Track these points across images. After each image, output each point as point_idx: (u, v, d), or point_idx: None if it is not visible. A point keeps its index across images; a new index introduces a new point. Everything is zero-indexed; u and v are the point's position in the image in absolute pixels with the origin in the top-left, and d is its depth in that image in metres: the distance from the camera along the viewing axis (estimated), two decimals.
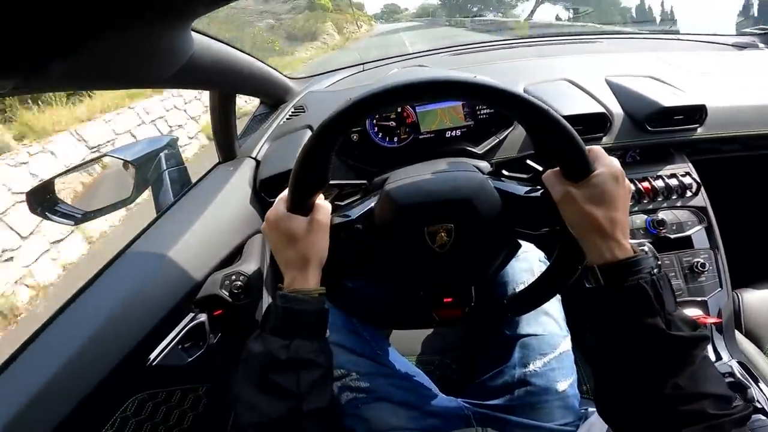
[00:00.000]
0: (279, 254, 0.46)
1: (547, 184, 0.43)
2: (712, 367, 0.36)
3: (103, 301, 0.56)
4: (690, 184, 0.76)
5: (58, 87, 0.41)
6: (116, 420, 0.52)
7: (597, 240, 0.40)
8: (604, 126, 0.78)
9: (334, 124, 0.42)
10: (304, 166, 0.43)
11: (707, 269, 0.72)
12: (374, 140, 0.75)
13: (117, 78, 0.45)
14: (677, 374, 0.34)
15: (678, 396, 0.34)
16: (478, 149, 0.74)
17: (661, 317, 0.35)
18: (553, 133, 0.40)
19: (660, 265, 0.39)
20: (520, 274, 0.65)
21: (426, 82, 0.40)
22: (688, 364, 0.34)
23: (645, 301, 0.36)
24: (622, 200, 0.40)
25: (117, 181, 0.92)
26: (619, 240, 0.39)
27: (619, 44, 1.27)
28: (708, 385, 0.34)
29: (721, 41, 1.24)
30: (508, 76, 0.90)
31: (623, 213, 0.40)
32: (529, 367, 0.58)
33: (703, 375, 0.34)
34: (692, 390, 0.34)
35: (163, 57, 0.46)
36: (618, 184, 0.40)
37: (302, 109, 0.92)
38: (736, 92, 0.87)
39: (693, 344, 0.35)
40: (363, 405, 0.56)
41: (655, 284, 0.36)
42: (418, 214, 0.47)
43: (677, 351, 0.35)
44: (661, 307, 0.35)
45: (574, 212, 0.41)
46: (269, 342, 0.41)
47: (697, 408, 0.33)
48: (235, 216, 0.73)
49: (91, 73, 0.39)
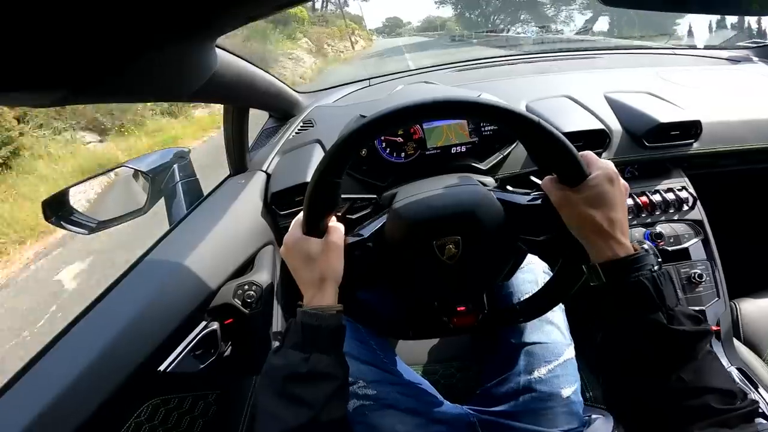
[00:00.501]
0: (298, 274, 0.48)
1: (546, 191, 0.46)
2: (717, 361, 0.37)
3: (121, 308, 0.58)
4: (686, 198, 0.78)
5: (101, 100, 0.43)
6: (131, 425, 0.54)
7: (597, 240, 0.41)
8: (604, 142, 0.81)
9: (343, 149, 0.44)
10: (317, 192, 0.46)
11: (704, 280, 0.75)
12: (382, 155, 0.77)
13: (151, 92, 0.48)
14: (681, 368, 0.35)
15: (683, 390, 0.35)
16: (483, 165, 0.77)
17: (663, 312, 0.36)
18: (546, 143, 0.43)
19: (660, 262, 0.41)
20: (525, 285, 0.67)
21: (430, 103, 0.42)
22: (692, 358, 0.35)
23: (646, 296, 0.37)
24: (619, 200, 0.42)
25: (131, 191, 0.95)
26: (618, 239, 0.40)
27: (619, 60, 1.30)
28: (712, 379, 0.35)
29: (717, 55, 1.27)
30: (511, 93, 0.92)
31: (621, 212, 0.42)
32: (534, 374, 0.59)
33: (707, 369, 0.35)
34: (697, 384, 0.34)
35: (191, 72, 0.49)
36: (613, 185, 0.42)
37: (311, 123, 0.95)
38: (730, 107, 0.90)
39: (695, 338, 0.36)
40: (370, 412, 0.57)
41: (655, 280, 0.37)
42: (426, 228, 0.49)
43: (680, 345, 0.36)
44: (662, 303, 0.37)
45: (574, 215, 0.43)
46: (290, 356, 0.43)
47: (702, 402, 0.34)
48: (246, 228, 0.76)
49: (130, 88, 0.41)
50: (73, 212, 0.91)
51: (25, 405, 0.47)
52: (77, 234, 0.92)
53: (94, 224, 0.91)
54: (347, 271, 0.49)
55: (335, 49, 20.26)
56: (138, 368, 0.53)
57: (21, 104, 0.34)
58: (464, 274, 0.51)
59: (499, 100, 0.80)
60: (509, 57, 1.30)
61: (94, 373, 0.50)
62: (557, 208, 0.44)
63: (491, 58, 1.29)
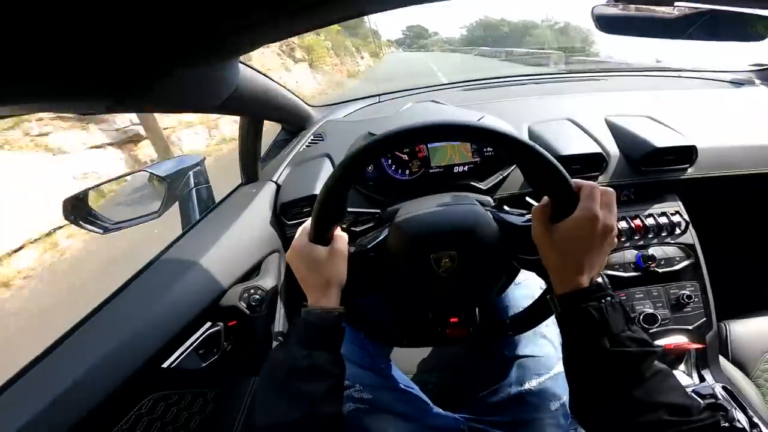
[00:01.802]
0: (304, 279, 0.51)
1: (532, 219, 0.49)
2: (671, 379, 0.39)
3: (133, 307, 0.61)
4: (679, 222, 0.81)
5: (140, 109, 0.48)
6: (131, 416, 0.55)
7: (556, 277, 0.46)
8: (601, 165, 0.84)
9: (352, 165, 0.48)
10: (326, 204, 0.49)
11: (693, 301, 0.77)
12: (388, 172, 0.80)
13: (183, 103, 0.52)
14: (631, 386, 0.38)
15: (633, 406, 0.37)
16: (483, 185, 0.80)
17: (608, 337, 0.40)
18: (542, 169, 0.45)
19: (612, 295, 0.44)
20: (521, 300, 0.70)
21: (435, 126, 0.46)
22: (638, 377, 0.38)
23: (591, 323, 0.41)
24: (589, 246, 0.43)
25: (148, 194, 0.99)
26: (576, 278, 0.43)
27: (621, 82, 1.32)
28: (663, 395, 0.37)
29: (719, 78, 1.28)
30: (515, 115, 0.95)
31: (590, 256, 0.44)
32: (525, 386, 0.62)
33: (657, 387, 0.38)
34: (647, 400, 0.37)
35: (217, 86, 0.53)
36: (588, 230, 0.43)
37: (321, 137, 0.99)
38: (727, 132, 0.92)
39: (639, 358, 0.39)
40: (365, 415, 0.59)
41: (601, 309, 0.41)
42: (424, 242, 0.52)
43: (624, 365, 0.39)
44: (605, 329, 0.40)
45: (545, 251, 0.47)
46: (292, 351, 0.46)
47: (654, 417, 0.36)
48: (255, 235, 0.79)
49: (165, 99, 0.46)
50: (91, 212, 0.95)
51: (38, 392, 0.49)
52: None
53: (110, 224, 0.95)
54: (349, 278, 0.52)
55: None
56: (144, 364, 0.56)
57: (74, 110, 0.39)
58: (458, 287, 0.54)
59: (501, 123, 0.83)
60: (517, 77, 1.32)
61: (103, 366, 0.53)
62: (534, 241, 0.48)
63: (499, 78, 1.32)
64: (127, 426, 0.55)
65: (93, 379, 0.52)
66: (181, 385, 0.63)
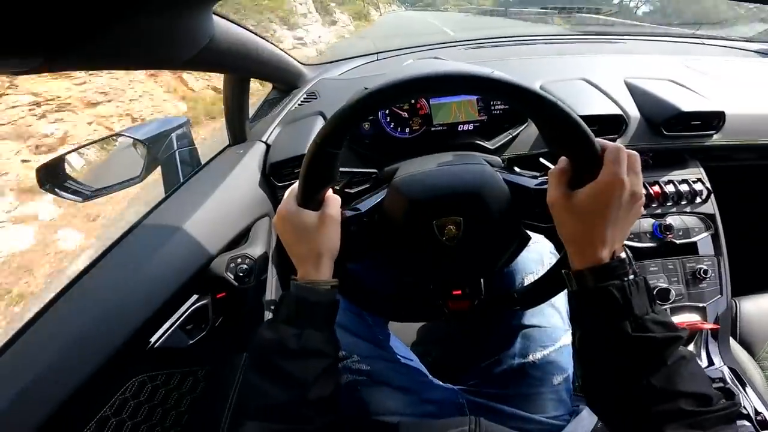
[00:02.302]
0: (292, 248, 0.47)
1: (548, 183, 0.43)
2: (692, 365, 0.36)
3: (109, 280, 0.56)
4: (701, 191, 0.76)
5: (82, 67, 0.40)
6: (115, 402, 0.52)
7: (573, 248, 0.41)
8: (620, 128, 0.78)
9: (345, 120, 0.41)
10: (315, 162, 0.43)
11: (709, 276, 0.73)
12: (386, 130, 0.75)
13: (138, 59, 0.45)
14: (650, 374, 0.35)
15: (653, 394, 0.35)
16: (490, 144, 0.74)
17: (630, 320, 0.36)
18: (562, 127, 0.39)
19: (636, 272, 0.39)
20: (529, 265, 0.65)
21: (440, 76, 0.39)
22: (660, 363, 0.35)
23: (612, 304, 0.37)
24: (614, 215, 0.38)
25: (127, 159, 0.93)
26: (594, 251, 0.39)
27: (642, 46, 1.24)
28: (684, 384, 0.35)
29: (746, 47, 1.22)
30: (526, 73, 0.89)
31: (613, 227, 0.39)
32: (529, 357, 0.59)
33: (678, 374, 0.35)
34: (668, 388, 0.34)
35: (183, 39, 0.46)
36: (613, 198, 0.38)
37: (314, 95, 0.92)
38: (755, 101, 0.87)
39: (663, 344, 0.36)
40: (362, 387, 0.57)
41: (624, 289, 0.37)
42: (427, 207, 0.47)
43: (646, 351, 0.36)
44: (628, 311, 0.36)
45: (561, 219, 0.42)
46: (281, 330, 0.42)
47: (673, 407, 0.34)
48: (243, 199, 0.74)
49: (113, 55, 0.39)
50: (68, 179, 0.90)
51: (7, 379, 0.45)
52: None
53: (89, 192, 0.90)
54: (342, 244, 0.47)
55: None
56: (125, 343, 0.52)
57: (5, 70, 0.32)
58: (463, 257, 0.50)
59: (515, 79, 0.76)
60: (526, 37, 1.24)
61: (78, 347, 0.49)
62: (549, 207, 0.42)
63: (508, 37, 1.24)
64: (111, 411, 0.52)
65: (69, 362, 0.48)
66: (168, 365, 0.60)
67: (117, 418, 0.52)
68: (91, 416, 0.50)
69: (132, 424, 0.54)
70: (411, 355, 0.67)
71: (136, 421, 0.55)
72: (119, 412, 0.53)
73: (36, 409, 0.45)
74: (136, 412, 0.55)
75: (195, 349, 0.61)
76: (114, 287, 0.55)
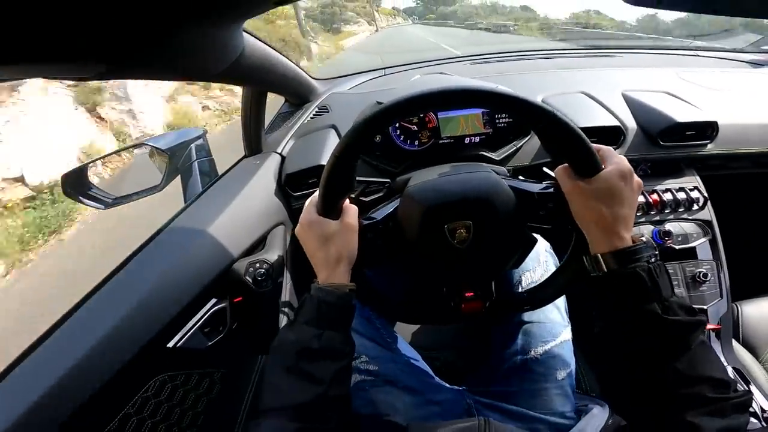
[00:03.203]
0: (313, 254, 0.49)
1: (558, 178, 0.46)
2: (711, 351, 0.37)
3: (135, 284, 0.59)
4: (697, 198, 0.79)
5: (135, 76, 0.44)
6: (137, 400, 0.54)
7: (598, 232, 0.43)
8: (618, 139, 0.81)
9: (361, 133, 0.45)
10: (334, 174, 0.46)
11: (709, 279, 0.75)
12: (396, 142, 0.78)
13: (182, 71, 0.49)
14: (675, 358, 0.36)
15: (677, 379, 0.35)
16: (496, 155, 0.77)
17: (658, 302, 0.37)
18: (561, 135, 0.43)
19: (657, 254, 0.42)
20: (527, 263, 0.67)
21: (447, 91, 0.43)
22: (685, 347, 0.36)
23: (641, 286, 0.38)
24: (627, 197, 0.42)
25: (149, 168, 0.97)
26: (619, 232, 0.41)
27: (639, 59, 1.28)
28: (706, 368, 0.36)
29: (738, 58, 1.25)
30: (527, 87, 0.92)
31: (628, 208, 0.42)
32: (530, 353, 0.61)
33: (700, 359, 0.36)
34: (690, 373, 0.35)
35: (219, 52, 0.50)
36: (625, 181, 0.42)
37: (326, 109, 0.96)
38: (748, 110, 0.89)
39: (689, 328, 0.37)
40: (370, 387, 0.59)
41: (651, 272, 0.38)
42: (438, 212, 0.50)
43: (674, 334, 0.37)
44: (657, 293, 0.38)
45: (581, 205, 0.44)
46: (302, 331, 0.44)
47: (697, 391, 0.34)
48: (260, 207, 0.77)
49: (163, 66, 0.43)
50: (91, 187, 0.94)
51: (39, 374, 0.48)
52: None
53: (111, 199, 0.93)
54: (359, 252, 0.50)
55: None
56: (149, 343, 0.54)
57: (64, 76, 0.36)
58: (474, 259, 0.52)
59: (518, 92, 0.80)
60: (529, 52, 1.29)
61: (106, 346, 0.51)
62: (567, 197, 0.45)
63: (511, 52, 1.28)
64: (133, 410, 0.54)
65: (96, 361, 0.50)
66: (187, 365, 0.62)
67: (138, 416, 0.54)
68: (115, 413, 0.51)
69: (152, 423, 0.56)
70: (417, 356, 0.69)
71: (156, 420, 0.57)
72: (141, 411, 0.55)
73: (65, 403, 0.47)
74: (156, 411, 0.57)
75: (212, 351, 0.63)
76: (140, 289, 0.57)
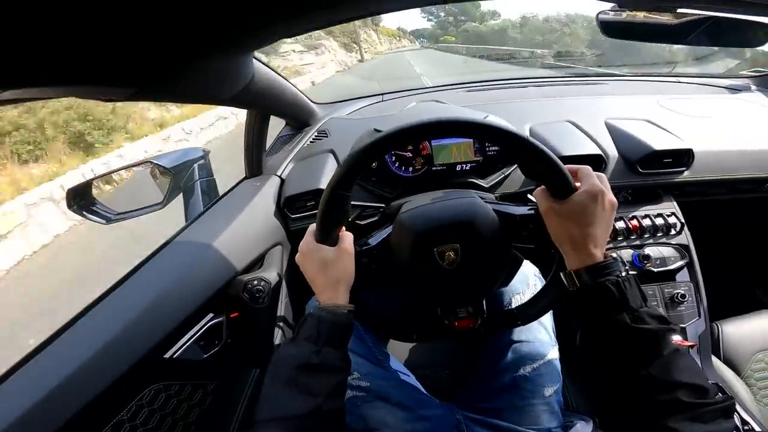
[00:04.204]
0: (314, 280, 0.52)
1: (536, 200, 0.50)
2: (686, 358, 0.39)
3: (138, 295, 0.62)
4: (674, 224, 0.83)
5: (161, 99, 0.49)
6: (132, 407, 0.56)
7: (571, 250, 0.46)
8: (600, 166, 0.85)
9: (355, 164, 0.49)
10: (330, 204, 0.50)
11: (687, 300, 0.79)
12: (391, 169, 0.82)
13: (200, 94, 0.53)
14: (648, 364, 0.38)
15: (652, 385, 0.37)
16: (485, 182, 0.81)
17: (627, 312, 0.40)
18: (535, 160, 0.47)
19: (628, 269, 0.45)
20: (517, 286, 0.71)
21: (435, 123, 0.47)
22: (657, 354, 0.38)
23: (611, 297, 0.41)
24: (598, 216, 0.45)
25: (150, 186, 1.00)
26: (590, 249, 0.45)
27: (622, 86, 1.34)
28: (682, 375, 0.37)
29: (717, 84, 1.30)
30: (517, 116, 0.97)
31: (599, 227, 0.45)
32: (520, 371, 0.63)
33: (674, 365, 0.38)
34: (665, 378, 0.37)
35: (231, 79, 0.55)
36: (596, 202, 0.45)
37: (325, 134, 1.00)
38: (724, 137, 0.93)
39: (659, 335, 0.39)
40: (362, 403, 0.60)
41: (619, 284, 0.42)
42: (428, 237, 0.53)
43: (645, 342, 0.39)
44: (625, 303, 0.41)
45: (555, 225, 0.47)
46: (303, 347, 0.46)
47: (674, 397, 0.36)
48: (259, 227, 0.80)
49: (183, 90, 0.47)
50: (95, 202, 0.96)
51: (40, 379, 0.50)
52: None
53: (113, 215, 0.96)
54: (356, 276, 0.53)
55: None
56: (146, 353, 0.56)
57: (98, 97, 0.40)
58: (463, 279, 0.55)
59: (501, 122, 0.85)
60: (519, 80, 1.33)
61: (105, 354, 0.53)
62: (543, 217, 0.49)
63: (503, 80, 1.33)
64: (127, 416, 0.55)
65: (95, 367, 0.52)
66: (182, 376, 0.64)
67: (131, 423, 0.56)
68: (109, 419, 0.53)
69: (144, 430, 0.58)
70: (409, 373, 0.71)
71: (148, 428, 0.58)
72: (134, 418, 0.56)
73: (62, 408, 0.49)
74: (149, 419, 0.58)
75: (207, 364, 0.66)
76: (142, 302, 0.60)
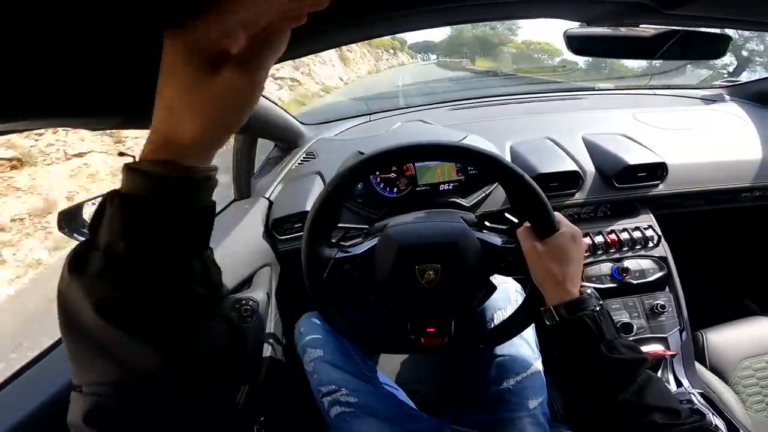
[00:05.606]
0: None
1: (519, 238, 0.53)
2: (660, 385, 0.42)
3: None
4: (652, 236, 0.85)
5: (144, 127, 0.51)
6: None
7: (551, 288, 0.49)
8: (578, 182, 0.88)
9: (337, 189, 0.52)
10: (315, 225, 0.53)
11: (667, 310, 0.81)
12: (376, 189, 0.84)
13: None
14: (624, 390, 0.41)
15: (628, 409, 0.40)
16: (466, 201, 0.84)
17: (603, 343, 0.43)
18: (528, 197, 0.51)
19: (602, 304, 0.48)
20: (498, 302, 0.73)
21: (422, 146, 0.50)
22: (632, 381, 0.41)
23: (587, 330, 0.45)
24: (575, 257, 0.50)
25: None
26: (567, 287, 0.48)
27: (600, 101, 1.37)
28: (654, 399, 0.40)
29: (692, 95, 1.33)
30: (498, 134, 1.00)
31: (575, 266, 0.50)
32: (504, 384, 0.64)
33: (648, 391, 0.41)
34: (641, 403, 0.40)
35: None
36: (575, 243, 0.50)
37: (313, 155, 1.02)
38: (697, 149, 0.96)
39: (633, 365, 0.42)
40: (351, 419, 0.61)
41: (595, 318, 0.45)
42: (411, 252, 0.55)
43: (620, 371, 0.42)
44: (601, 336, 0.44)
45: (537, 264, 0.51)
46: None
47: (648, 420, 0.39)
48: (247, 249, 0.82)
49: None
50: (85, 224, 0.97)
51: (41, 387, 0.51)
52: None
53: None
54: (335, 286, 0.55)
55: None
56: None
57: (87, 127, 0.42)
58: (438, 298, 0.57)
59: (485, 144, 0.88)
60: (501, 97, 1.38)
61: None
62: (525, 256, 0.52)
63: (484, 98, 1.38)
64: None
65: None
66: None
67: None
68: None
69: None
70: (397, 388, 0.71)
71: None
72: None
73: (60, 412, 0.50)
74: None
75: None
76: None
